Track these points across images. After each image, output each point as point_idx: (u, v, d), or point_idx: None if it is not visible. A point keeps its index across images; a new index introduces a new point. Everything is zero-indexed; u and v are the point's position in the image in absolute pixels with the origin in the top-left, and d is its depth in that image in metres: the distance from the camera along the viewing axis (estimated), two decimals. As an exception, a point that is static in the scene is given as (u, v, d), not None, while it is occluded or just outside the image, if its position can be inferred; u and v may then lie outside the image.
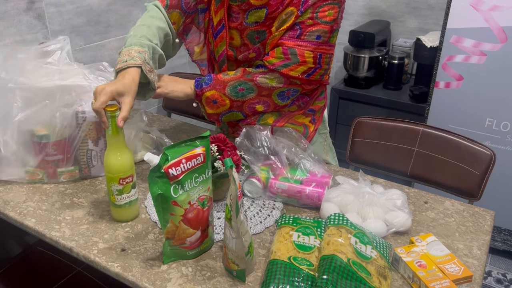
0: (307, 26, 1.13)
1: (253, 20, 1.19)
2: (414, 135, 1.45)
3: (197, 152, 0.91)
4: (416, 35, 2.48)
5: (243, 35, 1.23)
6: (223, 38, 1.25)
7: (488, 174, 1.33)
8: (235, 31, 1.24)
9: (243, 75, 1.21)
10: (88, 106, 1.16)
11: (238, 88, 1.21)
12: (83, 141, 1.20)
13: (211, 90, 1.22)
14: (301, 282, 0.85)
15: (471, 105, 1.94)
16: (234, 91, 1.22)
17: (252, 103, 1.24)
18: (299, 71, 1.17)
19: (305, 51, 1.15)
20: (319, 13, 1.13)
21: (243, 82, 1.21)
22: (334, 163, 1.46)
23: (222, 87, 1.22)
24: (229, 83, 1.21)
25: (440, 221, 1.10)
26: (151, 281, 0.90)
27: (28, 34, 1.54)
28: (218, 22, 1.24)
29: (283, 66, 1.16)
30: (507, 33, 1.77)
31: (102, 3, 1.76)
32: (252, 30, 1.21)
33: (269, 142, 1.19)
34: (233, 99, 1.23)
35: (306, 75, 1.18)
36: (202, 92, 1.23)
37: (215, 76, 1.23)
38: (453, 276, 0.88)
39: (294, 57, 1.15)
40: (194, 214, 0.92)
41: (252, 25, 1.20)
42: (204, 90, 1.22)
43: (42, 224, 1.07)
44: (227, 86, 1.22)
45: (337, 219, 0.96)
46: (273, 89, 1.21)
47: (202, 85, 1.23)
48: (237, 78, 1.21)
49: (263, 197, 1.16)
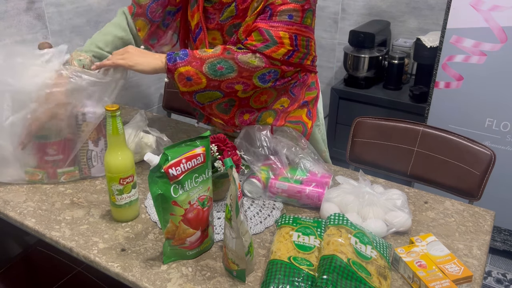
0: (277, 6, 1.12)
1: (227, 16, 1.19)
2: (414, 135, 1.45)
3: (197, 152, 0.91)
4: (416, 35, 2.48)
5: (223, 33, 1.23)
6: (202, 40, 1.25)
7: (488, 174, 1.33)
8: (215, 31, 1.24)
9: (223, 52, 1.16)
10: (89, 106, 1.16)
11: (217, 66, 1.15)
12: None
13: (186, 66, 1.15)
14: (301, 282, 0.85)
15: (471, 105, 1.94)
16: (213, 69, 1.16)
17: (231, 83, 1.18)
18: (280, 53, 1.15)
19: (280, 31, 1.13)
20: None
21: (223, 60, 1.15)
22: (327, 152, 1.48)
23: (199, 64, 1.15)
24: (208, 60, 1.15)
25: (440, 221, 1.10)
26: (151, 281, 0.90)
27: (28, 34, 1.54)
28: (195, 26, 1.25)
29: (265, 47, 1.14)
30: (507, 33, 1.77)
31: (102, 3, 1.76)
32: (229, 25, 1.20)
33: (269, 142, 1.19)
34: (211, 78, 1.16)
35: (286, 57, 1.16)
36: (175, 67, 1.15)
37: (191, 52, 1.16)
38: (453, 276, 0.88)
39: (271, 38, 1.14)
40: (194, 214, 0.92)
41: (227, 20, 1.20)
42: (178, 65, 1.14)
43: (42, 224, 1.07)
44: (205, 63, 1.15)
45: (337, 219, 0.96)
46: (254, 71, 1.17)
47: (176, 59, 1.15)
48: (216, 56, 1.15)
49: (263, 197, 1.16)
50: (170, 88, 2.02)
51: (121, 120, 1.00)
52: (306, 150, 1.22)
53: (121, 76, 1.20)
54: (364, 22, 2.60)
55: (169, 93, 2.02)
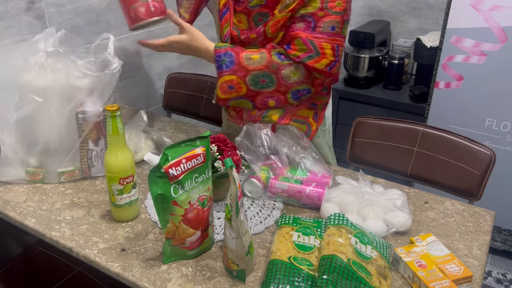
0: (320, 18, 1.14)
1: (256, 3, 1.19)
2: (414, 135, 1.45)
3: (197, 152, 0.91)
4: (416, 35, 2.48)
5: (249, 18, 1.23)
6: (228, 20, 1.25)
7: (488, 174, 1.33)
8: (242, 14, 1.24)
9: (268, 65, 1.17)
10: (88, 106, 1.16)
11: (260, 79, 1.18)
12: (83, 141, 1.20)
13: (231, 75, 1.18)
14: (301, 282, 0.85)
15: (471, 105, 1.94)
16: (255, 81, 1.19)
17: (266, 97, 1.22)
18: (322, 64, 1.17)
19: (323, 43, 1.15)
20: (328, 3, 1.13)
21: (267, 74, 1.18)
22: (333, 161, 1.46)
23: (243, 74, 1.18)
24: (252, 72, 1.18)
25: (440, 221, 1.10)
26: (151, 281, 0.90)
27: (28, 34, 1.53)
28: (223, 5, 1.25)
29: (308, 58, 1.16)
30: (507, 33, 1.77)
31: (102, 3, 1.76)
32: (256, 12, 1.21)
33: (270, 141, 1.18)
34: (251, 88, 1.20)
35: (328, 68, 1.18)
36: (220, 75, 1.19)
37: (238, 58, 1.18)
38: (453, 276, 0.88)
39: (315, 48, 1.16)
40: (194, 214, 0.92)
41: (255, 7, 1.20)
42: (224, 73, 1.18)
43: (42, 224, 1.07)
44: (249, 74, 1.18)
45: (337, 219, 0.96)
46: (291, 86, 1.20)
47: (223, 68, 1.18)
48: (261, 69, 1.18)
49: (263, 197, 1.16)
50: (170, 88, 2.02)
51: (121, 120, 1.00)
52: (308, 150, 1.21)
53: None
54: (364, 22, 2.60)
55: (169, 93, 2.02)
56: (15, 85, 1.14)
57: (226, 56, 1.18)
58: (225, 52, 1.18)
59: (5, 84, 1.14)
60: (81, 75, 1.15)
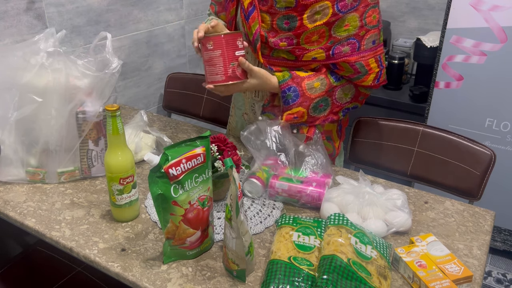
0: (362, 37, 1.19)
1: (284, 5, 1.17)
2: (414, 135, 1.45)
3: (197, 152, 0.91)
4: (416, 35, 2.48)
5: (273, 19, 1.20)
6: (255, 18, 1.23)
7: (488, 174, 1.33)
8: (265, 14, 1.22)
9: (327, 90, 1.22)
10: (88, 106, 1.16)
11: (320, 104, 1.23)
12: (83, 141, 1.20)
13: (298, 107, 1.22)
14: (301, 282, 0.85)
15: (471, 105, 1.94)
16: (316, 107, 1.23)
17: (324, 120, 1.27)
18: (369, 80, 1.23)
19: (369, 59, 1.20)
20: (366, 19, 1.17)
21: (325, 98, 1.23)
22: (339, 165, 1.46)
23: (308, 104, 1.22)
24: (315, 100, 1.22)
25: (440, 221, 1.10)
26: (151, 281, 0.90)
27: (28, 34, 1.53)
28: (248, 4, 1.23)
29: (356, 78, 1.22)
30: (507, 33, 1.77)
31: (102, 3, 1.76)
32: (283, 14, 1.18)
33: (278, 137, 1.18)
34: (311, 115, 1.24)
35: (376, 81, 1.24)
36: (287, 109, 1.22)
37: (302, 90, 1.21)
38: (453, 276, 0.88)
39: (362, 68, 1.20)
40: (194, 214, 0.92)
41: (282, 9, 1.18)
42: (292, 107, 1.22)
43: (42, 224, 1.07)
44: (312, 102, 1.22)
45: (337, 219, 0.96)
46: (343, 106, 1.27)
47: (289, 102, 1.21)
48: (322, 95, 1.22)
49: (264, 197, 1.16)
50: (170, 88, 2.02)
51: (121, 120, 1.00)
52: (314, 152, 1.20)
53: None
54: (364, 22, 2.60)
55: (169, 93, 2.02)
56: (15, 85, 1.14)
57: (291, 91, 1.21)
58: (289, 87, 1.20)
59: (5, 84, 1.14)
60: (81, 75, 1.15)
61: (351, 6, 1.14)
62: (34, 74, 1.14)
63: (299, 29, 1.17)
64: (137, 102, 2.07)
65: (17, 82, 1.13)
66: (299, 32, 1.18)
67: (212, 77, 1.16)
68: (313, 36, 1.18)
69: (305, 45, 1.19)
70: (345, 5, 1.14)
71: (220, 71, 1.15)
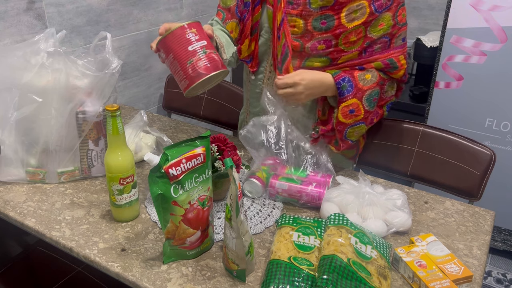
0: (394, 35, 1.21)
1: (320, 5, 1.14)
2: (414, 135, 1.45)
3: (197, 152, 0.91)
4: (416, 35, 2.48)
5: (307, 21, 1.17)
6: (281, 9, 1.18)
7: (488, 174, 1.33)
8: (297, 18, 1.17)
9: (378, 82, 1.22)
10: (88, 106, 1.16)
11: (373, 98, 1.22)
12: (83, 141, 1.20)
13: (352, 98, 1.20)
14: (301, 282, 0.85)
15: (471, 105, 1.94)
16: (369, 100, 1.22)
17: (375, 115, 1.26)
18: (399, 75, 1.25)
19: (399, 56, 1.23)
20: (398, 18, 1.19)
21: (377, 92, 1.22)
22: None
23: (361, 95, 1.20)
24: (367, 92, 1.21)
25: (440, 221, 1.10)
26: (151, 281, 0.90)
27: (28, 34, 1.53)
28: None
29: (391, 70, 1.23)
30: (507, 33, 1.77)
31: (102, 3, 1.76)
32: (319, 15, 1.15)
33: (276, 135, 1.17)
34: (367, 109, 1.22)
35: (404, 76, 1.26)
36: (342, 101, 1.20)
37: (355, 81, 1.19)
38: (453, 276, 0.88)
39: (394, 64, 1.22)
40: (194, 214, 0.92)
41: (317, 10, 1.15)
42: (347, 98, 1.19)
43: (42, 224, 1.07)
44: (365, 94, 1.21)
45: (337, 219, 0.96)
46: (388, 100, 1.28)
47: (344, 93, 1.19)
48: (374, 86, 1.21)
49: (264, 197, 1.16)
50: (170, 88, 2.02)
51: (121, 120, 1.00)
52: (315, 151, 1.20)
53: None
54: (364, 22, 2.60)
55: (169, 93, 2.02)
56: (15, 85, 1.14)
57: (345, 82, 1.19)
58: (344, 78, 1.19)
59: (5, 84, 1.14)
60: (81, 75, 1.15)
61: (386, 5, 1.16)
62: (34, 74, 1.13)
63: (337, 29, 1.15)
64: (137, 102, 2.07)
65: (17, 82, 1.13)
66: (337, 33, 1.16)
67: (181, 85, 1.03)
68: (351, 37, 1.16)
69: (343, 46, 1.18)
70: (381, 4, 1.15)
71: (182, 76, 1.01)
